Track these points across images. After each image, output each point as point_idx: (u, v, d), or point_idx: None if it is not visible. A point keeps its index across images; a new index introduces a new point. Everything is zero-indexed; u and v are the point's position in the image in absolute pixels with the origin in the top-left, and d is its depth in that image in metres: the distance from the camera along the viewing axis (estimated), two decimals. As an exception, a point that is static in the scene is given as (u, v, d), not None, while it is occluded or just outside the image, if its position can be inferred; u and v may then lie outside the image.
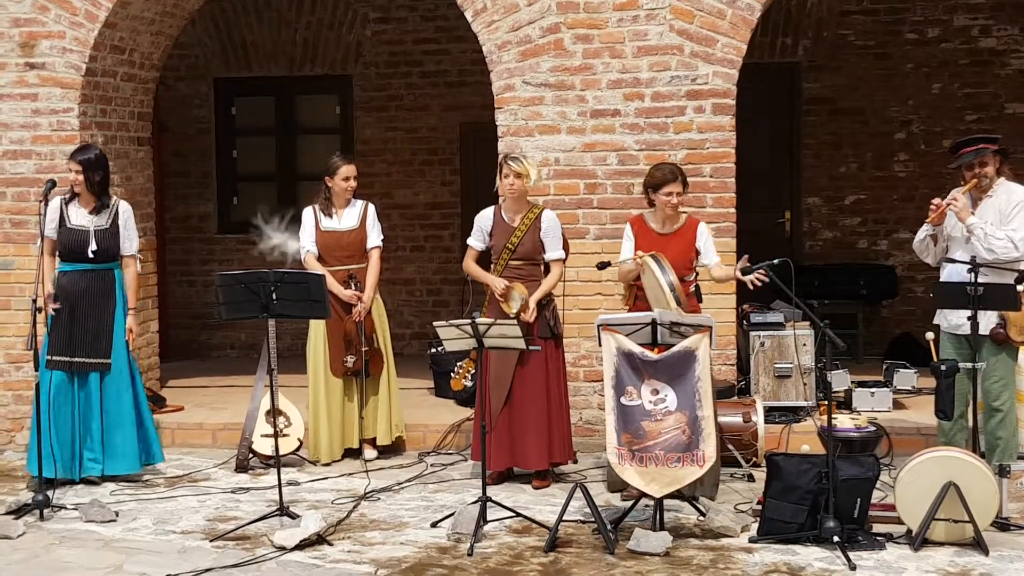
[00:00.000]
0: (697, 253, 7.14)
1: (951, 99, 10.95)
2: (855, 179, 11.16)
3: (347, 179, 8.00)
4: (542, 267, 7.47)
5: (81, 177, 7.47)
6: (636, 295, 7.12)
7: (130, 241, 7.67)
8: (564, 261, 7.50)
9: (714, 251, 7.21)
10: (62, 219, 7.49)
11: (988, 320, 6.80)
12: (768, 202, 11.17)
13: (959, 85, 10.94)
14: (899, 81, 11.02)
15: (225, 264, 11.32)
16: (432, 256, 11.52)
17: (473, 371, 8.14)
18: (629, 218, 7.41)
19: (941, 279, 6.84)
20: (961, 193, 6.87)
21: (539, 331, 7.28)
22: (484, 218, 7.53)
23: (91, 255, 7.47)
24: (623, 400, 6.29)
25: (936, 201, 6.90)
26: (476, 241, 7.55)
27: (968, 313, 6.64)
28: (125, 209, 7.68)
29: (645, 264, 6.82)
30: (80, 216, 7.50)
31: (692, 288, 7.12)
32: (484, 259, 7.61)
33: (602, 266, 7.50)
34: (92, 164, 7.51)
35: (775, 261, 6.70)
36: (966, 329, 6.78)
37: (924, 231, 7.05)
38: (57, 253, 7.57)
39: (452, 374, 8.57)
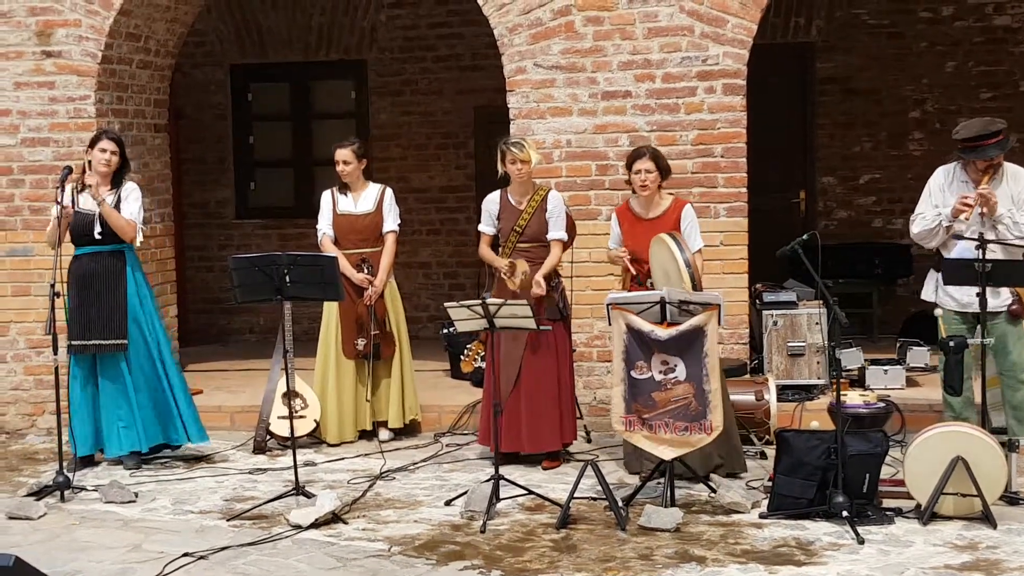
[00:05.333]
0: None
1: (965, 77, 10.95)
2: (869, 158, 11.18)
3: (338, 163, 8.08)
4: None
5: (117, 158, 7.54)
6: (631, 277, 7.15)
7: (128, 211, 7.63)
8: (567, 242, 7.54)
9: (697, 237, 7.08)
10: (73, 202, 7.46)
11: (1001, 297, 6.83)
12: (783, 182, 11.20)
13: (973, 63, 10.94)
14: (913, 60, 11.02)
15: (243, 249, 11.42)
16: (448, 239, 11.59)
17: (483, 353, 8.21)
18: (616, 207, 7.44)
19: (950, 256, 6.82)
20: (987, 184, 6.83)
21: (547, 313, 7.34)
22: (491, 202, 7.59)
23: (98, 236, 7.49)
24: (633, 374, 6.39)
25: (970, 199, 6.71)
26: (487, 226, 7.61)
27: (976, 290, 6.68)
28: (130, 186, 7.68)
29: (660, 241, 6.83)
30: (86, 200, 7.50)
31: None
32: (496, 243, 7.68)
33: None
34: (122, 144, 7.62)
35: (804, 237, 6.67)
36: (977, 307, 6.81)
37: (937, 220, 6.90)
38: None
39: (462, 356, 8.63)
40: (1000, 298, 6.83)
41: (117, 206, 7.56)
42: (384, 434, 8.23)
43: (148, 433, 7.65)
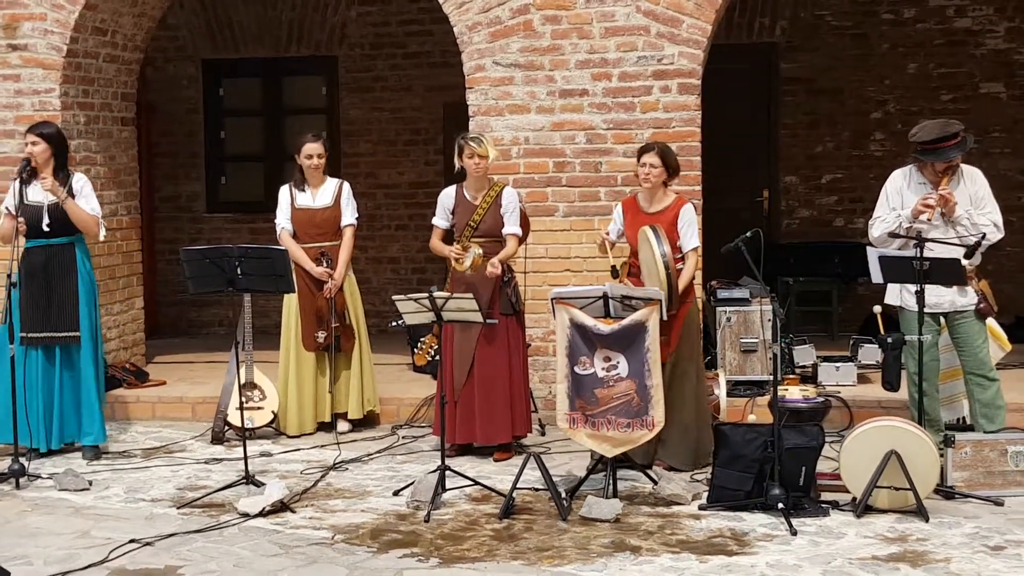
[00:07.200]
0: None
1: (927, 79, 11.08)
2: (832, 158, 11.31)
3: (310, 157, 8.16)
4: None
5: (40, 148, 7.54)
6: (629, 271, 7.25)
7: (90, 207, 7.68)
8: (521, 238, 7.65)
9: (694, 237, 7.12)
10: (20, 196, 7.50)
11: (969, 296, 6.95)
12: (746, 181, 11.33)
13: (934, 65, 11.08)
14: (875, 61, 11.15)
15: (214, 243, 11.48)
16: (416, 235, 11.67)
17: (436, 346, 8.32)
18: (623, 199, 7.53)
19: (885, 254, 6.91)
20: (946, 185, 6.91)
21: (501, 308, 7.45)
22: (447, 196, 7.70)
23: (46, 229, 7.54)
24: (576, 369, 6.49)
25: (931, 200, 6.83)
26: (440, 220, 7.73)
27: (943, 290, 6.83)
28: (79, 179, 7.73)
29: (643, 233, 6.94)
30: (35, 192, 7.55)
31: (680, 266, 7.07)
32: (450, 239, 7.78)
33: (615, 274, 7.20)
34: (53, 138, 7.61)
35: (747, 234, 6.79)
36: (946, 307, 6.96)
37: (897, 222, 6.98)
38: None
39: (416, 349, 8.73)
40: (968, 297, 6.96)
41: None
42: (343, 426, 8.33)
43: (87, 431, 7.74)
